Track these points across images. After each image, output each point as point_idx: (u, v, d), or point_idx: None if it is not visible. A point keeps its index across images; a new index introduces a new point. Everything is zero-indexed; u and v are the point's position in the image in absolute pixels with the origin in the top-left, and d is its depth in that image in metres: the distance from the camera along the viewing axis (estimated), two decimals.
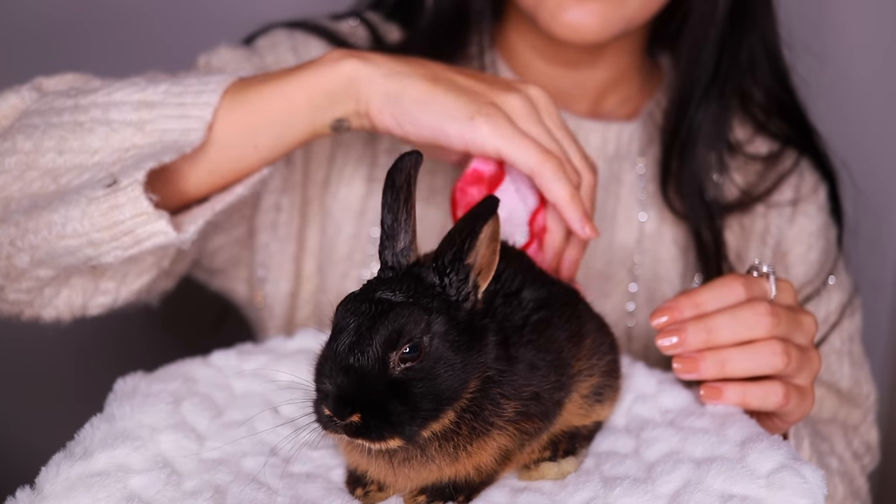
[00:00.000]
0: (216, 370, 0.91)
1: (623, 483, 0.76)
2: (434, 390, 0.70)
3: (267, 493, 0.76)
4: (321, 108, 0.92)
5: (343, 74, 0.91)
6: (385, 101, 0.90)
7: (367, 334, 0.69)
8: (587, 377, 0.82)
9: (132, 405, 0.82)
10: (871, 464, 1.26)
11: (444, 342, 0.71)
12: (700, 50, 1.17)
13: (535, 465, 0.81)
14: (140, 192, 0.86)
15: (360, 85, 0.91)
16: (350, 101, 0.92)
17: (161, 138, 0.91)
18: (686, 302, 0.86)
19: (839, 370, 1.24)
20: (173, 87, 0.92)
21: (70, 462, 0.75)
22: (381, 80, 0.91)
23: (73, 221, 0.87)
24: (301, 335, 0.98)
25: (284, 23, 1.24)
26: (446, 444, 0.73)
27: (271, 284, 1.22)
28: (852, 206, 1.28)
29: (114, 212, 0.87)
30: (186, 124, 0.91)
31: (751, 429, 0.81)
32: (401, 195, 0.75)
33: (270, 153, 0.94)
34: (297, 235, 1.21)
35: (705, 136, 1.18)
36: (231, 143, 0.93)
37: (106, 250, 0.89)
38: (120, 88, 0.93)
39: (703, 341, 0.84)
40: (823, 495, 0.74)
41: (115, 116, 0.91)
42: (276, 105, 0.92)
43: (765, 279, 0.89)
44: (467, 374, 0.72)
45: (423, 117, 0.89)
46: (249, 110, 0.92)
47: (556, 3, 1.08)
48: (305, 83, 0.92)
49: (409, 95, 0.90)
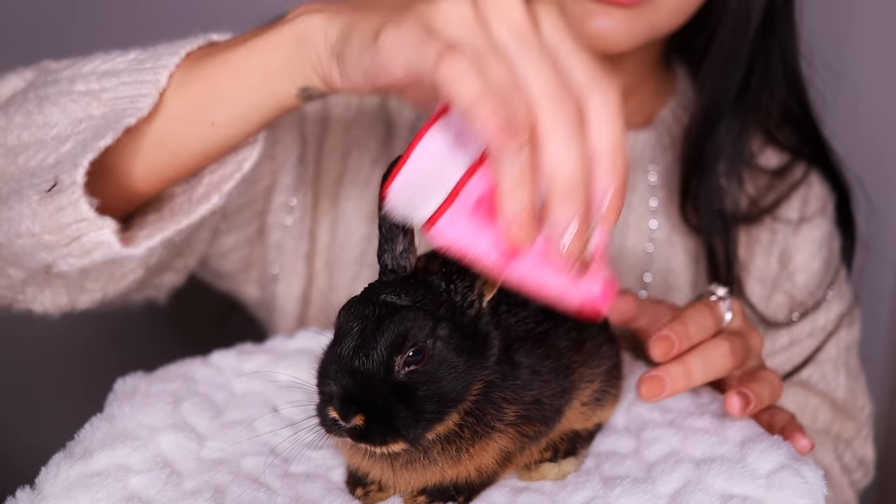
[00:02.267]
0: (216, 370, 0.91)
1: (623, 483, 0.76)
2: (438, 393, 0.70)
3: (267, 493, 0.76)
4: (278, 78, 0.78)
5: (293, 36, 0.76)
6: (330, 53, 0.74)
7: (371, 337, 0.69)
8: (588, 384, 0.82)
9: (132, 405, 0.82)
10: (864, 479, 1.25)
11: (448, 346, 0.71)
12: (729, 67, 1.14)
13: (535, 466, 0.81)
14: (79, 194, 0.76)
15: (308, 42, 0.75)
16: (306, 65, 0.76)
17: (113, 107, 0.80)
18: (681, 331, 0.83)
19: (834, 380, 1.23)
20: (141, 55, 0.82)
21: (70, 462, 0.75)
22: (322, 30, 0.74)
23: (25, 220, 0.79)
24: (301, 335, 0.98)
25: None
26: (449, 447, 0.73)
27: (283, 284, 1.20)
28: (865, 221, 1.27)
29: (59, 215, 0.77)
30: (138, 90, 0.80)
31: (751, 429, 0.81)
32: None
33: (231, 130, 0.82)
34: (309, 233, 1.19)
35: (726, 154, 1.17)
36: (185, 117, 0.81)
37: (59, 255, 0.81)
38: (93, 59, 0.84)
39: (683, 386, 0.82)
40: (824, 495, 0.74)
41: (79, 87, 0.82)
42: (228, 76, 0.79)
43: (721, 303, 0.88)
44: (470, 377, 0.72)
45: (349, 59, 0.70)
46: (203, 82, 0.80)
47: (583, 10, 1.04)
48: (257, 51, 0.78)
49: (343, 37, 0.72)
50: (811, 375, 1.22)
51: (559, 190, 0.62)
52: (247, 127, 0.82)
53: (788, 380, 1.22)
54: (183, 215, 0.84)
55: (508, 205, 0.61)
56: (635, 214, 1.21)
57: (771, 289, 1.22)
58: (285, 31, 0.77)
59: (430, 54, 0.61)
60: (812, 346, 1.22)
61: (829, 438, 1.20)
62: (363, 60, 0.68)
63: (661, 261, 1.21)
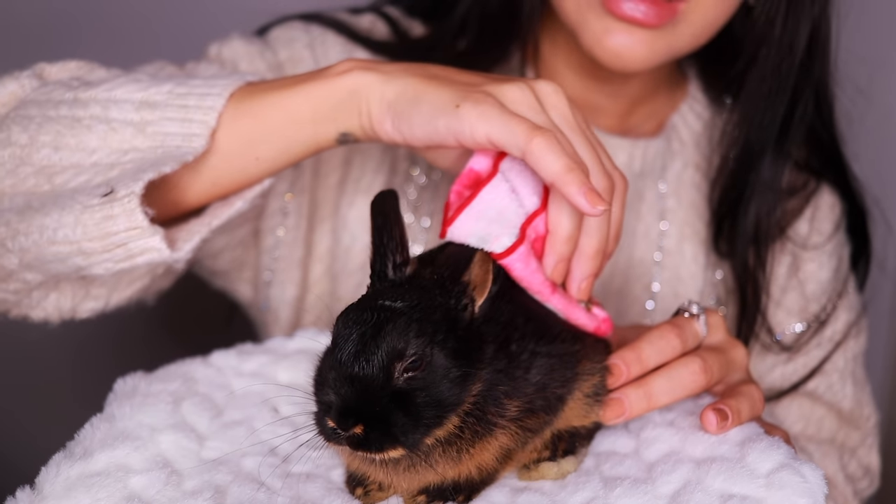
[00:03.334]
0: (216, 370, 0.91)
1: (623, 483, 0.76)
2: (436, 398, 0.70)
3: (267, 494, 0.76)
4: (325, 121, 0.87)
5: (346, 86, 0.86)
6: (385, 109, 0.84)
7: (372, 343, 0.69)
8: (589, 376, 0.82)
9: (132, 405, 0.82)
10: (870, 488, 1.24)
11: (444, 350, 0.71)
12: (773, 101, 1.11)
13: (534, 465, 0.81)
14: (136, 204, 0.82)
15: (361, 96, 0.85)
16: (353, 113, 0.86)
17: (163, 142, 0.87)
18: (630, 356, 0.83)
19: (841, 390, 1.22)
20: (178, 88, 0.88)
21: (70, 462, 0.75)
22: (379, 88, 0.85)
23: (65, 228, 0.84)
24: (301, 335, 0.98)
25: (300, 15, 1.20)
26: (449, 448, 0.73)
27: (277, 288, 1.19)
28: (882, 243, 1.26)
29: (107, 222, 0.83)
30: (189, 129, 0.86)
31: (750, 429, 0.81)
32: (389, 215, 0.76)
33: (272, 165, 0.90)
34: (304, 240, 1.18)
35: (762, 186, 1.14)
36: (233, 152, 0.88)
37: (97, 261, 0.86)
38: (122, 84, 0.89)
39: (645, 408, 0.82)
40: (824, 494, 0.74)
41: (116, 115, 0.87)
42: (280, 116, 0.87)
43: (695, 321, 0.87)
44: (468, 379, 0.72)
45: (415, 117, 0.82)
46: (252, 120, 0.87)
47: (603, 27, 1.02)
48: (310, 95, 0.87)
49: (405, 97, 0.83)
50: (818, 386, 1.21)
51: (588, 252, 0.81)
52: (287, 162, 0.90)
53: (795, 390, 1.21)
54: (212, 217, 0.91)
55: (557, 251, 0.80)
56: (643, 223, 1.19)
57: (780, 295, 1.21)
58: (338, 82, 0.86)
59: (518, 131, 0.77)
60: (819, 357, 1.21)
61: (833, 448, 1.19)
62: (434, 123, 0.81)
63: (669, 269, 1.19)
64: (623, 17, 1.01)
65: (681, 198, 1.20)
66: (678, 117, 1.22)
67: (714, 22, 1.06)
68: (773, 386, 1.21)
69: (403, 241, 0.77)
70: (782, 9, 1.09)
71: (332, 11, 1.21)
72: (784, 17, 1.09)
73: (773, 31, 1.10)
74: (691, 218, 1.21)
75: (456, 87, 0.82)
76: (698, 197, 1.21)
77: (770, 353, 1.20)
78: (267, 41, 1.16)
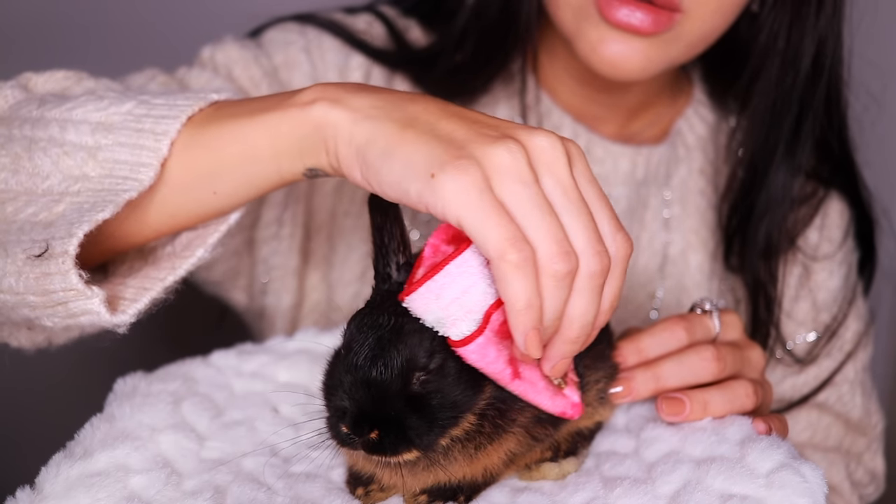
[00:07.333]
0: (216, 370, 0.91)
1: (623, 483, 0.76)
2: (451, 400, 0.70)
3: (267, 493, 0.76)
4: (288, 156, 0.77)
5: (311, 120, 0.75)
6: (353, 154, 0.73)
7: (390, 346, 0.69)
8: (594, 384, 0.82)
9: (132, 405, 0.82)
10: (876, 493, 1.23)
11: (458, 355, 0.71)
12: (779, 114, 1.10)
13: (535, 466, 0.81)
14: (70, 265, 0.73)
15: (328, 134, 0.75)
16: (320, 151, 0.76)
17: (111, 171, 0.78)
18: (629, 347, 0.84)
19: (851, 401, 1.21)
20: (137, 108, 0.80)
21: (70, 462, 0.75)
22: (347, 128, 0.73)
23: (9, 277, 0.76)
24: (301, 335, 0.98)
25: (295, 15, 1.17)
26: (462, 450, 0.72)
27: (272, 297, 1.18)
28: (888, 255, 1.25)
29: (46, 280, 0.74)
30: (139, 157, 0.78)
31: (750, 428, 0.81)
32: (389, 212, 0.75)
33: (233, 200, 0.81)
34: (300, 249, 1.17)
35: (773, 202, 1.12)
36: (187, 185, 0.79)
37: (43, 314, 0.77)
38: (84, 103, 0.81)
39: (653, 390, 0.83)
40: (824, 494, 0.74)
41: (72, 137, 0.79)
42: (236, 150, 0.78)
43: (708, 317, 0.87)
44: (482, 380, 0.72)
45: (385, 175, 0.70)
46: (205, 151, 0.78)
47: (598, 36, 1.00)
48: (269, 128, 0.77)
49: (377, 147, 0.71)
50: (828, 397, 1.21)
51: (569, 336, 0.70)
52: (248, 196, 0.81)
53: (806, 402, 1.20)
54: (167, 271, 0.81)
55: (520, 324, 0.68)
56: (647, 231, 1.18)
57: (791, 306, 1.20)
58: (301, 116, 0.76)
59: (491, 238, 0.66)
60: (830, 367, 1.20)
61: (839, 455, 1.19)
62: (404, 186, 0.69)
63: (673, 278, 1.19)
64: (618, 24, 0.99)
65: (686, 205, 1.19)
66: (683, 123, 1.21)
67: (712, 31, 1.04)
68: (784, 397, 1.20)
69: (405, 241, 0.76)
70: (786, 22, 1.07)
71: (328, 11, 1.18)
72: (788, 31, 1.08)
73: (776, 44, 1.08)
74: (697, 226, 1.19)
75: (435, 145, 0.69)
76: (704, 203, 1.20)
77: (780, 364, 1.19)
78: (261, 44, 1.13)
